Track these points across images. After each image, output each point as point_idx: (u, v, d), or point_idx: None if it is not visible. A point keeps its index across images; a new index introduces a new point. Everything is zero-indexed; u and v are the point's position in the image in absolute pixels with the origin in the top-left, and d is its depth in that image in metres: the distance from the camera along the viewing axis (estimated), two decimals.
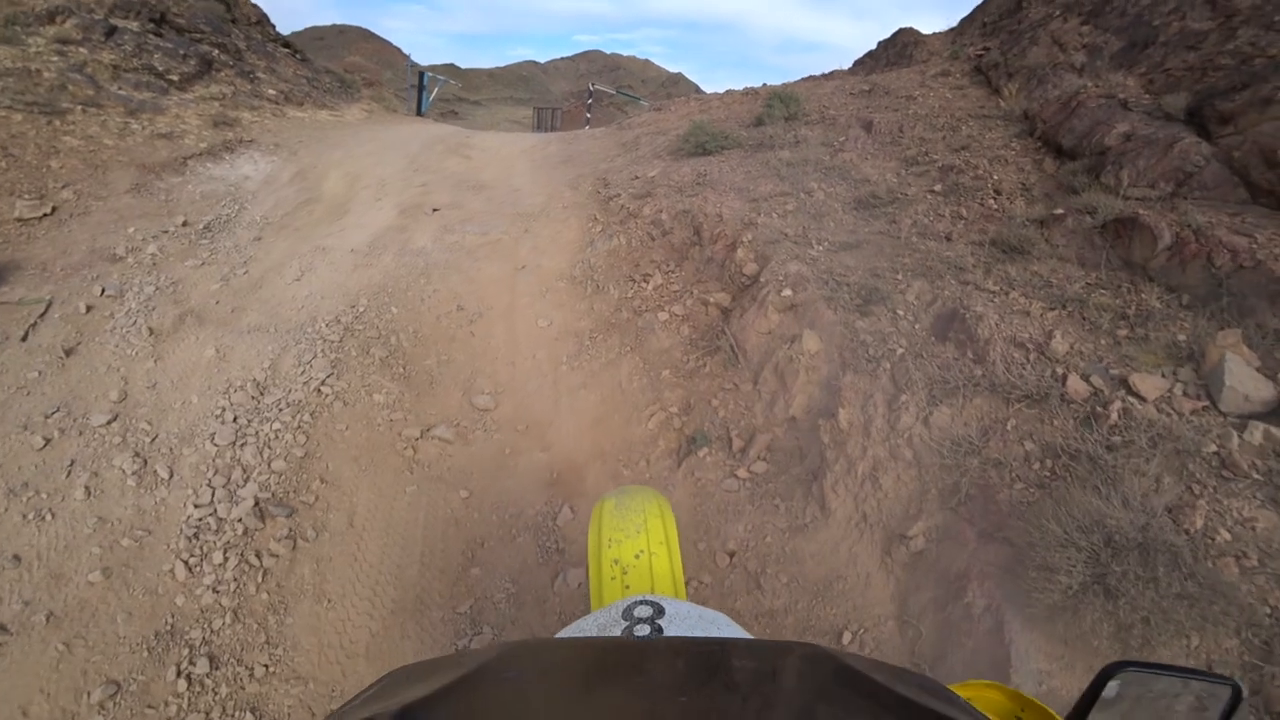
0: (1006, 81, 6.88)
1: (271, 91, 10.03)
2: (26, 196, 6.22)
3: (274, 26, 12.21)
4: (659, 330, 4.49)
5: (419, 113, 15.76)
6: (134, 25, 8.91)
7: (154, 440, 3.78)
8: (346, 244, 5.90)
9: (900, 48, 12.48)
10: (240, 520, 3.35)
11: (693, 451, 3.58)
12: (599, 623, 1.03)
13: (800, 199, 5.28)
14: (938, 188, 4.94)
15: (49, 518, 3.43)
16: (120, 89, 8.04)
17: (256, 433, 3.83)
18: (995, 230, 4.28)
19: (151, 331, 4.42)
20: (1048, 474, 2.51)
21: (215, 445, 3.74)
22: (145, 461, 3.67)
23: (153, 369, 4.17)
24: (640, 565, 1.41)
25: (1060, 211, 4.20)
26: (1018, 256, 3.95)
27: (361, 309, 4.93)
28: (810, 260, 4.37)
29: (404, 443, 3.89)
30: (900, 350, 3.42)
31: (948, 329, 3.39)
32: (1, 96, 7.00)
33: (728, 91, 11.37)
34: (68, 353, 4.26)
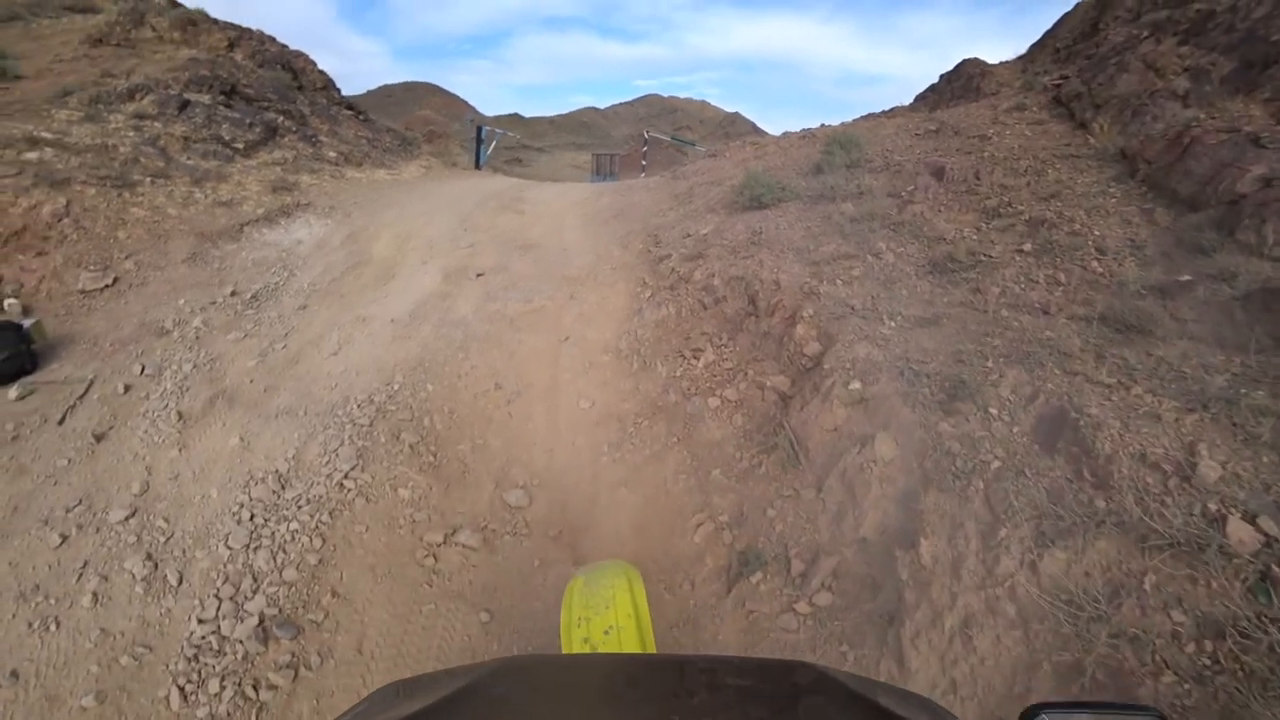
0: (1094, 115, 6.23)
1: (332, 154, 10.28)
2: (92, 268, 6.37)
3: (339, 90, 12.66)
4: (709, 419, 4.05)
5: (477, 166, 16.04)
6: (206, 98, 9.30)
7: (168, 540, 3.56)
8: (388, 313, 5.73)
9: (965, 80, 11.84)
10: (242, 643, 3.04)
11: (745, 575, 3.08)
12: None
13: (867, 262, 4.77)
14: (1027, 246, 4.34)
15: (53, 628, 3.21)
16: (188, 159, 8.32)
17: (272, 534, 3.56)
18: (1104, 301, 3.66)
19: (180, 416, 4.27)
20: (1208, 664, 1.88)
21: (229, 548, 3.48)
22: (156, 565, 3.43)
23: (176, 458, 4.00)
24: (609, 641, 1.38)
25: (1187, 278, 3.56)
26: (1136, 337, 3.32)
27: (396, 387, 4.69)
28: (882, 341, 3.85)
29: (425, 550, 3.54)
30: (996, 463, 2.85)
31: (1055, 436, 2.81)
32: (79, 172, 7.29)
33: (784, 135, 11.01)
34: (98, 439, 4.15)
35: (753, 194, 6.77)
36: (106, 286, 6.22)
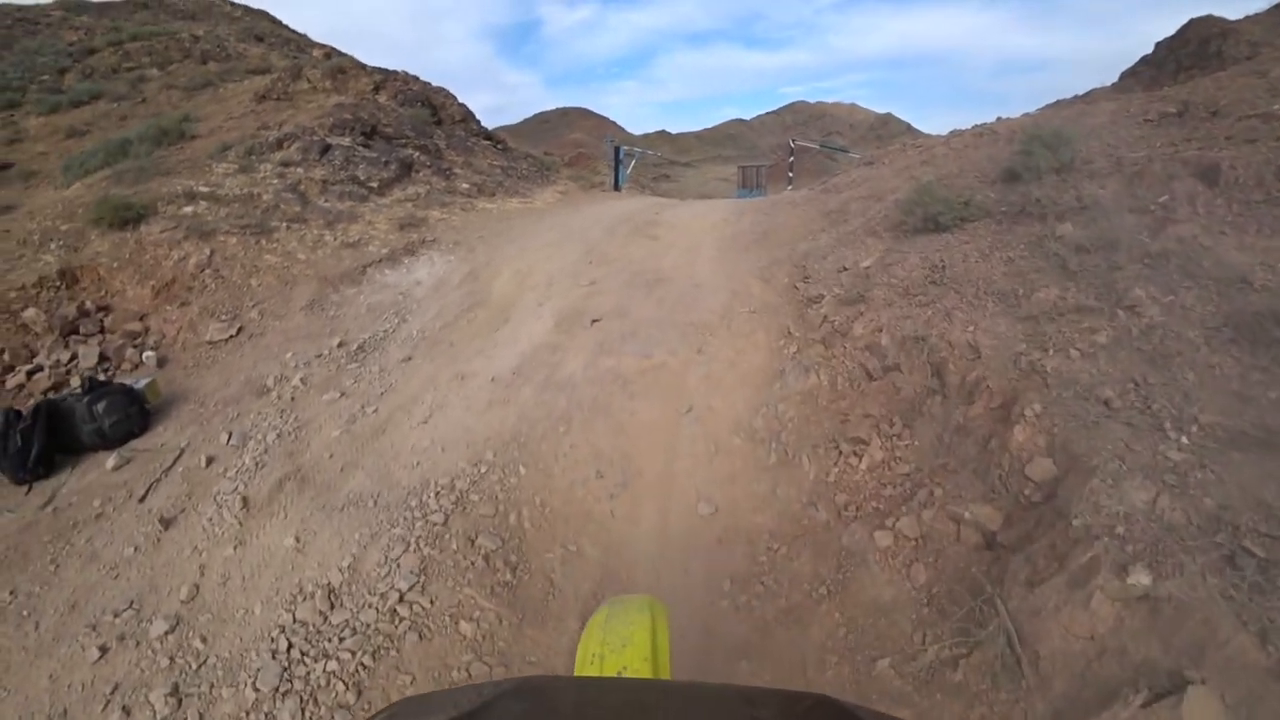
0: None
1: (465, 186, 10.11)
2: (222, 318, 6.37)
3: (478, 121, 12.71)
4: (875, 565, 2.82)
5: (616, 187, 15.59)
6: (346, 140, 9.47)
7: (199, 668, 2.98)
8: (490, 369, 5.05)
9: (1197, 45, 9.36)
10: None
11: None
12: None
13: (1117, 320, 3.27)
14: None
15: None
16: (325, 201, 8.39)
17: (306, 675, 2.87)
18: None
19: (245, 503, 3.79)
20: None
21: (256, 690, 2.83)
22: (180, 702, 2.86)
23: (230, 558, 3.48)
24: None
25: None
26: None
27: (483, 470, 3.93)
28: (1172, 476, 2.41)
29: None
30: None
31: None
32: (224, 222, 7.49)
33: (953, 134, 9.15)
34: (166, 525, 3.76)
35: (926, 212, 5.33)
36: (231, 337, 6.16)
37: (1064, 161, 5.30)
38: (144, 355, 5.95)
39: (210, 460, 4.25)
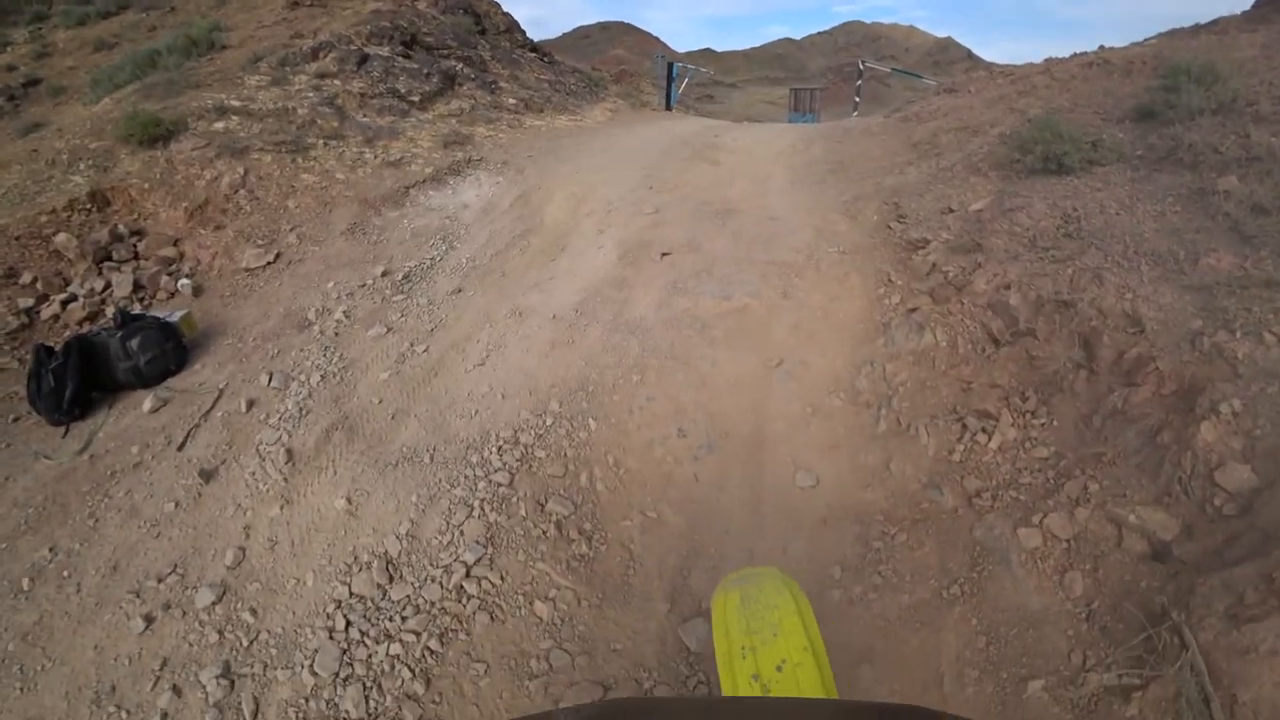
0: None
1: (511, 101, 9.35)
2: (259, 243, 5.96)
3: (523, 32, 11.74)
4: (1019, 567, 2.31)
5: (668, 107, 14.53)
6: (385, 50, 8.73)
7: (251, 645, 2.69)
8: (550, 305, 4.55)
9: None
10: None
11: None
12: None
13: None
14: None
15: None
16: (364, 116, 7.78)
17: (368, 659, 2.55)
18: None
19: (290, 456, 3.43)
20: None
21: (314, 674, 2.53)
22: (233, 684, 2.58)
23: (277, 519, 3.14)
24: (784, 680, 1.10)
25: None
26: None
27: (549, 422, 3.50)
28: None
29: None
30: None
31: None
32: (258, 139, 6.98)
33: (1050, 61, 7.87)
34: (207, 478, 3.44)
35: (1047, 150, 4.50)
36: (269, 264, 5.75)
37: (1222, 101, 4.39)
38: (179, 284, 5.59)
39: (251, 404, 3.90)
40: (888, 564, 2.65)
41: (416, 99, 8.23)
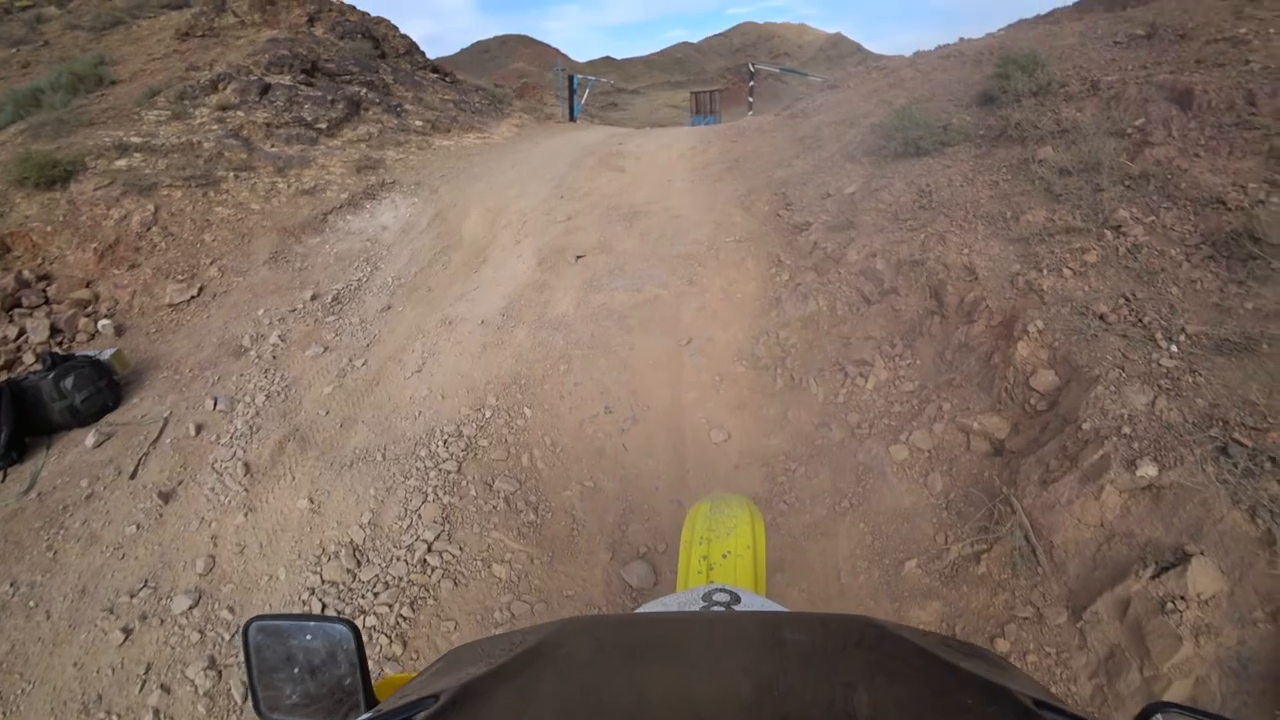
0: None
1: (418, 123, 9.57)
2: (179, 278, 6.01)
3: (423, 53, 11.91)
4: (893, 477, 2.89)
5: (572, 118, 14.97)
6: (287, 79, 8.79)
7: (233, 639, 2.95)
8: (477, 312, 4.91)
9: None
10: None
11: None
12: (679, 600, 1.13)
13: (1104, 240, 3.31)
14: None
15: None
16: (272, 146, 7.85)
17: None
18: None
19: (248, 469, 3.67)
20: None
21: None
22: (220, 674, 2.83)
23: (243, 525, 3.39)
24: (726, 564, 1.44)
25: None
26: None
27: (488, 414, 3.87)
28: (1167, 381, 2.51)
29: None
30: None
31: None
32: (165, 175, 6.96)
33: (919, 55, 8.88)
34: (165, 499, 3.62)
35: (906, 136, 5.24)
36: (193, 298, 5.83)
37: (1040, 85, 5.22)
38: (99, 324, 5.60)
39: (200, 428, 4.08)
40: (791, 493, 3.18)
41: (324, 126, 8.35)
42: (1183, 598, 1.96)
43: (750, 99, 15.25)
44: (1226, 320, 2.74)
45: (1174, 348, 2.68)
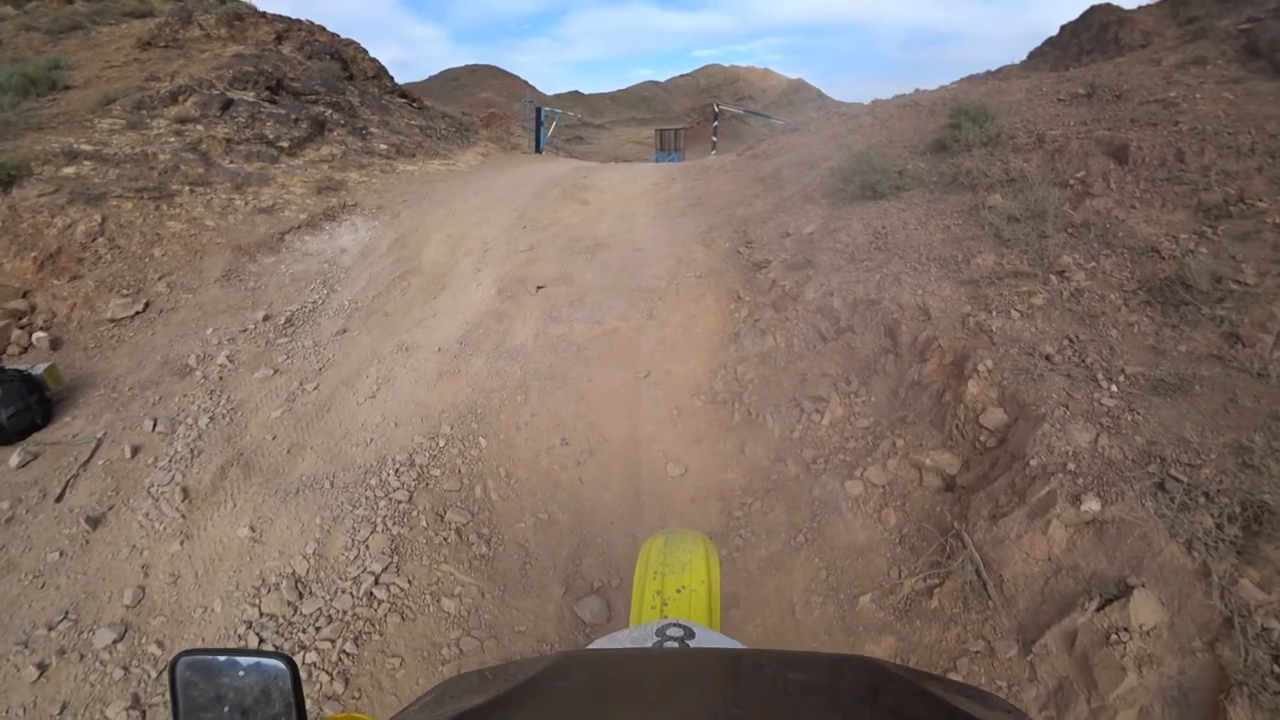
0: None
1: (383, 146, 9.53)
2: (124, 292, 5.80)
3: (391, 78, 11.93)
4: (848, 512, 2.96)
5: (538, 149, 15.13)
6: (250, 95, 8.69)
7: (159, 676, 2.80)
8: (435, 339, 4.87)
9: (1097, 30, 9.97)
10: None
11: None
12: (632, 636, 1.12)
13: (1050, 284, 3.51)
14: None
15: None
16: (230, 162, 7.71)
17: None
18: None
19: (186, 494, 3.53)
20: None
21: None
22: (144, 714, 2.68)
23: (178, 554, 3.25)
24: (680, 599, 1.44)
25: None
26: None
27: (442, 443, 3.82)
28: (1108, 419, 2.65)
29: None
30: None
31: None
32: (116, 185, 6.76)
33: (877, 104, 9.38)
34: (94, 524, 3.45)
35: (864, 180, 5.47)
36: (137, 313, 5.63)
37: (990, 136, 5.55)
38: (34, 336, 5.35)
39: (136, 450, 3.92)
40: (746, 528, 3.21)
41: (286, 145, 8.25)
42: (1126, 629, 2.04)
43: (714, 138, 15.68)
44: (1162, 362, 2.92)
45: (1114, 387, 2.84)
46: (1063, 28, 10.11)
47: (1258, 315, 2.89)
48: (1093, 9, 10.07)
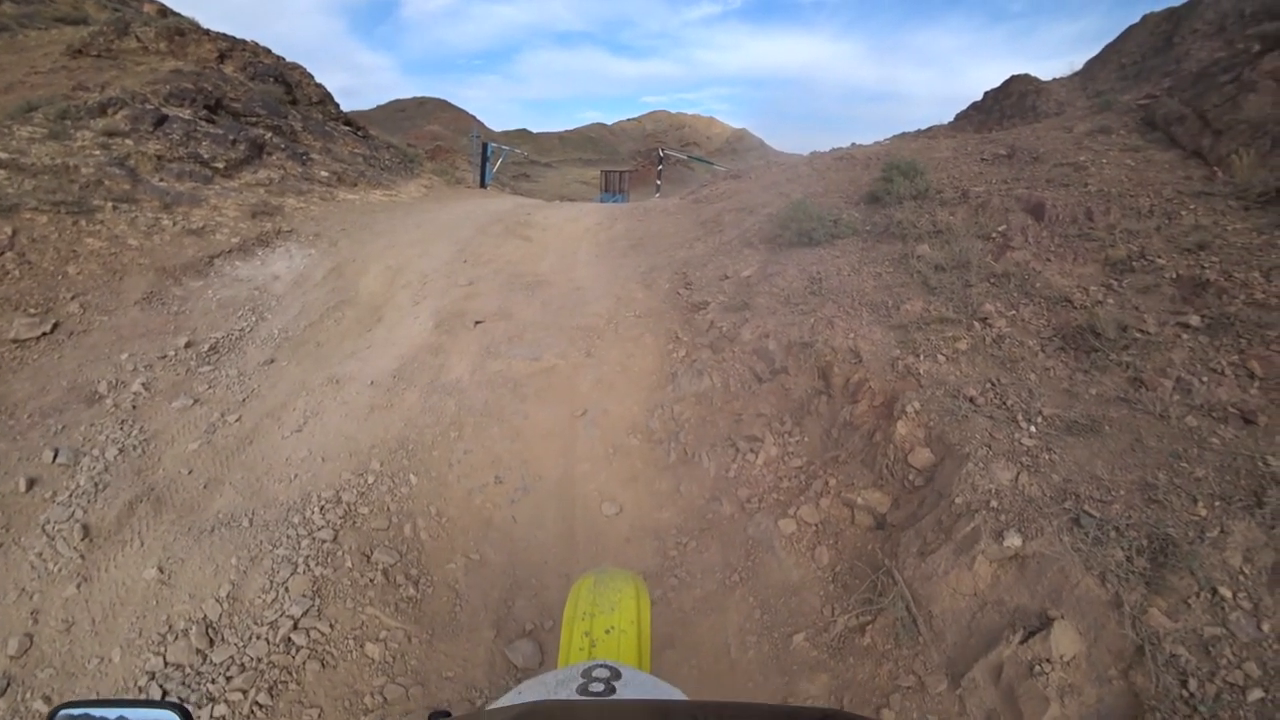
0: (1214, 143, 5.22)
1: (324, 173, 9.38)
2: (30, 311, 5.45)
3: (336, 105, 11.80)
4: (781, 550, 3.04)
5: (483, 184, 15.16)
6: (186, 113, 8.43)
7: None
8: (368, 372, 4.77)
9: (1016, 98, 10.89)
10: None
11: None
12: (557, 679, 1.07)
13: (974, 330, 3.76)
14: (1192, 319, 3.32)
15: None
16: (160, 180, 7.43)
17: None
18: None
19: (87, 532, 3.31)
20: None
21: None
22: None
23: (74, 598, 3.03)
24: (609, 640, 1.42)
25: None
26: None
27: (371, 480, 3.73)
28: (1027, 458, 2.85)
29: None
30: (1257, 693, 1.84)
31: None
32: (31, 197, 6.40)
33: (814, 155, 9.96)
34: None
35: (800, 227, 5.76)
36: (44, 334, 5.29)
37: (920, 190, 5.95)
38: None
39: (32, 483, 3.65)
40: (682, 567, 3.25)
41: (221, 165, 8.02)
42: (1048, 660, 2.17)
43: (658, 182, 16.09)
44: (1075, 404, 3.16)
45: (1033, 428, 3.04)
46: (986, 93, 11.01)
47: (1158, 361, 3.17)
48: (1013, 79, 11.04)
